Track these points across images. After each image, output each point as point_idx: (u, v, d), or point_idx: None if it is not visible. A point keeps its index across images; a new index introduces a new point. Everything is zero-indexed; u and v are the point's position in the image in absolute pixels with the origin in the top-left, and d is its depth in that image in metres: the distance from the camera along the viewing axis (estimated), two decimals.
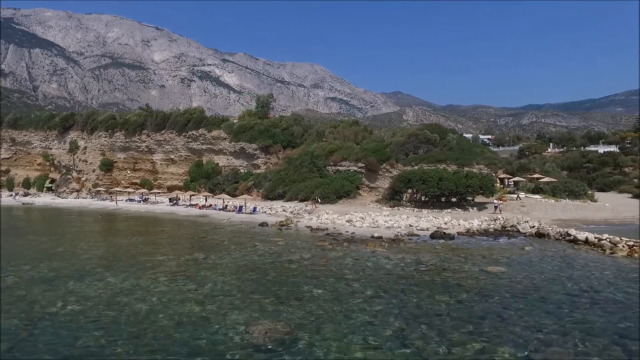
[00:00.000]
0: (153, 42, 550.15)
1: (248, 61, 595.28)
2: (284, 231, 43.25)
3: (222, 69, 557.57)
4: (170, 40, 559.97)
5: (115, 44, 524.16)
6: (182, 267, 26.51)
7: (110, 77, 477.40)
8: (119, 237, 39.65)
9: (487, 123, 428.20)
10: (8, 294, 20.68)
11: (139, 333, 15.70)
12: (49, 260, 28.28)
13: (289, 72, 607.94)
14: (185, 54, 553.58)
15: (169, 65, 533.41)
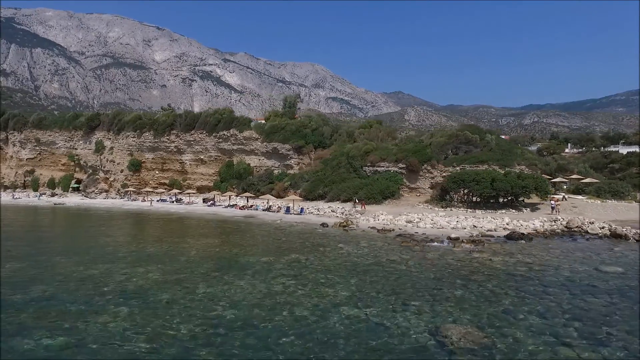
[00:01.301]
0: (154, 41, 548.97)
1: (249, 61, 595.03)
2: (350, 232, 43.37)
3: (223, 68, 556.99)
4: (171, 40, 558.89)
5: (116, 44, 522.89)
6: (292, 269, 26.64)
7: (112, 77, 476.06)
8: (196, 239, 39.62)
9: (488, 123, 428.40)
10: (153, 298, 20.76)
11: (326, 339, 15.81)
12: (154, 262, 28.33)
13: (289, 72, 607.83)
14: (187, 53, 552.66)
15: (170, 65, 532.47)
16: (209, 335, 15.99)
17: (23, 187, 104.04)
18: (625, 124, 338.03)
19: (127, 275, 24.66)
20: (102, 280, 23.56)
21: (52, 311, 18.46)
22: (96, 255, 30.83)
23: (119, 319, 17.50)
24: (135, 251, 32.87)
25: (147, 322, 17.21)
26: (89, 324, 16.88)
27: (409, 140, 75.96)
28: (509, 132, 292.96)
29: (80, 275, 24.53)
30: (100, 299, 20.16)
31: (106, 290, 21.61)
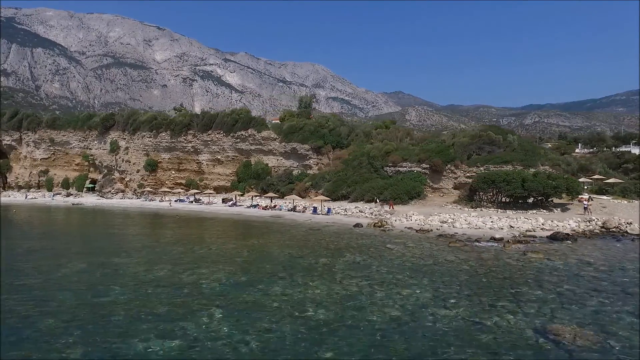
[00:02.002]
0: (154, 41, 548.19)
1: (249, 61, 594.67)
2: (388, 232, 43.50)
3: (223, 68, 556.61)
4: (171, 39, 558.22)
5: (116, 44, 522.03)
6: (355, 269, 26.79)
7: (112, 77, 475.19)
8: (239, 240, 39.71)
9: (489, 123, 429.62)
10: (236, 299, 20.85)
11: (435, 337, 15.95)
12: (213, 263, 28.43)
13: (290, 72, 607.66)
14: (187, 53, 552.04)
15: (170, 64, 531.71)
16: (317, 335, 16.07)
17: (37, 187, 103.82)
18: (627, 124, 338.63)
19: (195, 276, 24.70)
20: (175, 282, 23.58)
21: (144, 313, 18.49)
22: (150, 256, 30.89)
23: (219, 321, 17.58)
24: (186, 252, 32.89)
25: (248, 323, 17.29)
26: (192, 327, 16.92)
27: (430, 140, 75.99)
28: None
29: (149, 277, 24.55)
30: (187, 301, 20.21)
31: (187, 292, 21.66)
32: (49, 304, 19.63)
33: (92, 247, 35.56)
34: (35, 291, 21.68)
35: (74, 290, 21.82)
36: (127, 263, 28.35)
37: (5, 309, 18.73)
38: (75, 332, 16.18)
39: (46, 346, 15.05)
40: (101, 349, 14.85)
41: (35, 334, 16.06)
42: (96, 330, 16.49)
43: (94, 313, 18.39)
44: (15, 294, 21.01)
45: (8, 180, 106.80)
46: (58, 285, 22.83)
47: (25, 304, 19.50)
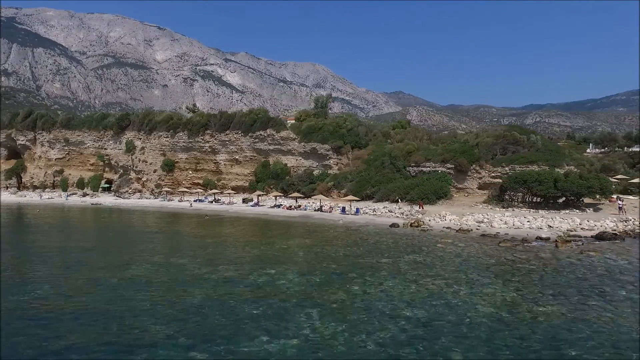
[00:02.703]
0: (155, 41, 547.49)
1: (250, 61, 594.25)
2: (428, 232, 43.58)
3: (224, 68, 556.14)
4: (172, 39, 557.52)
5: (117, 44, 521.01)
6: (421, 269, 26.90)
7: (113, 77, 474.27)
8: (283, 240, 39.62)
9: (490, 123, 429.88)
10: (321, 299, 20.89)
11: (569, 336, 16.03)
12: (273, 263, 28.55)
13: (290, 72, 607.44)
14: (188, 53, 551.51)
15: (171, 64, 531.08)
16: (429, 334, 16.13)
17: (52, 187, 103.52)
18: (628, 123, 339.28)
19: (267, 277, 24.78)
20: (249, 283, 23.64)
21: (241, 314, 18.53)
22: (207, 257, 30.89)
23: (320, 321, 17.62)
24: (239, 252, 32.94)
25: (350, 323, 17.34)
26: (298, 326, 16.97)
27: (453, 140, 76.08)
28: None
29: (220, 278, 24.57)
30: (273, 301, 20.26)
31: (269, 292, 21.70)
32: (139, 303, 19.63)
33: (142, 247, 35.52)
34: (119, 290, 21.70)
35: (153, 291, 21.84)
36: (187, 264, 28.34)
37: (103, 309, 18.77)
38: (181, 334, 16.23)
39: (169, 353, 15.05)
40: (222, 350, 14.87)
41: (152, 338, 16.08)
42: (202, 331, 16.52)
43: (189, 314, 18.40)
44: (100, 292, 21.05)
45: (23, 180, 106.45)
46: (135, 285, 22.84)
47: (116, 303, 19.52)
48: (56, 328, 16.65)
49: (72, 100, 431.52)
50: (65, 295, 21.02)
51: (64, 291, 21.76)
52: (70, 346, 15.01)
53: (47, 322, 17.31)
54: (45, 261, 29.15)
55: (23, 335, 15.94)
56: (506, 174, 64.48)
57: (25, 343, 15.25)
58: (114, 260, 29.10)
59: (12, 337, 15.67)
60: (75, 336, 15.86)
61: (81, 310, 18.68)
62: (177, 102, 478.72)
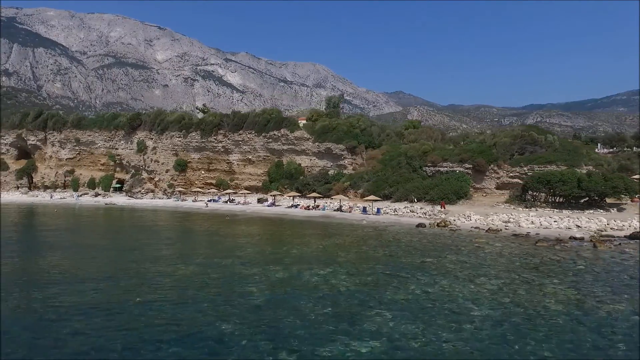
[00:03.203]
0: (156, 41, 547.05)
1: (250, 61, 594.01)
2: (457, 232, 43.59)
3: (225, 68, 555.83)
4: (172, 39, 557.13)
5: (118, 44, 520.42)
6: (467, 269, 26.90)
7: (114, 77, 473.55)
8: (316, 240, 39.65)
9: (491, 123, 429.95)
10: (386, 298, 20.88)
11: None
12: (320, 264, 28.56)
13: (291, 72, 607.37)
14: (188, 53, 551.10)
15: (172, 64, 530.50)
16: (511, 333, 16.12)
17: (63, 187, 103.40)
18: (629, 123, 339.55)
19: (319, 277, 24.72)
20: (303, 283, 23.53)
21: (313, 315, 18.49)
22: (249, 257, 30.81)
23: (396, 321, 17.60)
24: (278, 252, 32.89)
25: (426, 322, 17.32)
26: (376, 327, 16.95)
27: (470, 140, 76.18)
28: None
29: (274, 279, 24.47)
30: (338, 301, 20.25)
31: (328, 292, 21.70)
32: (206, 304, 19.60)
33: (179, 247, 35.51)
34: (179, 290, 21.65)
35: (212, 291, 21.78)
36: (234, 264, 28.25)
37: (168, 316, 18.75)
38: (258, 336, 16.13)
39: (251, 354, 15.03)
40: (307, 351, 14.81)
41: (227, 339, 16.06)
42: (278, 332, 16.46)
43: (259, 315, 18.33)
44: (162, 290, 21.03)
45: (34, 180, 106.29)
46: (192, 285, 22.80)
47: (183, 303, 19.50)
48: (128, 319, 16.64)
49: (73, 100, 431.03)
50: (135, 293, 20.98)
51: (129, 288, 21.72)
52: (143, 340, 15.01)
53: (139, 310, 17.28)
54: (105, 260, 29.14)
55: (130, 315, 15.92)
56: (525, 174, 64.66)
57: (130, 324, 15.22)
58: (160, 261, 29.03)
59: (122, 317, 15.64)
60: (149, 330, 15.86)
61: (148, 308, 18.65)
62: (177, 102, 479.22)
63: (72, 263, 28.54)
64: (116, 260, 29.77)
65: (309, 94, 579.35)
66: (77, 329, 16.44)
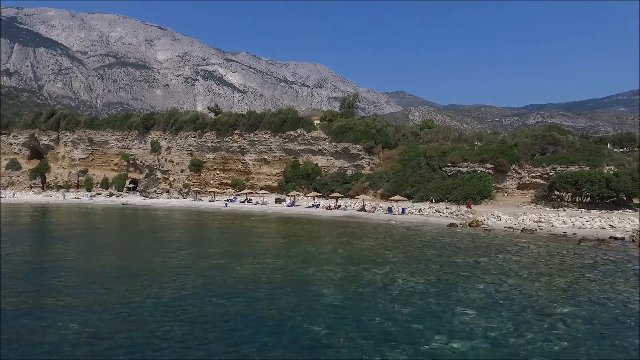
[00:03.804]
0: (156, 41, 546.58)
1: (251, 61, 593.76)
2: (492, 232, 43.65)
3: (225, 68, 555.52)
4: (173, 39, 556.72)
5: (118, 43, 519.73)
6: (523, 269, 26.88)
7: (115, 77, 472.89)
8: (354, 240, 39.67)
9: (492, 123, 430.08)
10: (457, 297, 20.95)
11: None
12: (385, 264, 28.57)
13: (291, 72, 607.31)
14: (189, 53, 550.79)
15: (172, 64, 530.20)
16: (612, 333, 16.19)
17: (76, 187, 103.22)
18: (630, 124, 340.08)
19: (381, 277, 24.79)
20: (369, 282, 23.69)
21: (399, 315, 18.54)
22: (300, 258, 30.74)
23: (484, 320, 17.67)
24: (324, 252, 32.92)
25: (515, 323, 17.39)
26: (463, 326, 17.02)
27: (490, 140, 76.30)
28: (513, 132, 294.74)
29: (335, 279, 24.50)
30: (421, 302, 20.31)
31: (400, 293, 21.77)
32: (280, 304, 19.63)
33: (222, 248, 35.46)
34: (247, 291, 21.68)
35: (282, 292, 21.77)
36: (287, 265, 28.21)
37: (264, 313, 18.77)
38: (355, 334, 16.21)
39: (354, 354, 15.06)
40: (411, 350, 14.85)
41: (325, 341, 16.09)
42: (375, 332, 16.50)
43: (341, 316, 18.33)
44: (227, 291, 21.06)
45: (47, 180, 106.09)
46: (256, 285, 22.81)
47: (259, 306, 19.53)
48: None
49: (74, 100, 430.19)
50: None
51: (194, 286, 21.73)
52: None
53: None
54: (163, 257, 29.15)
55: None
56: (547, 174, 64.88)
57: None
58: (214, 261, 29.04)
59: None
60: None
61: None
62: (178, 102, 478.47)
63: (162, 259, 28.82)
64: (182, 255, 29.76)
65: (310, 94, 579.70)
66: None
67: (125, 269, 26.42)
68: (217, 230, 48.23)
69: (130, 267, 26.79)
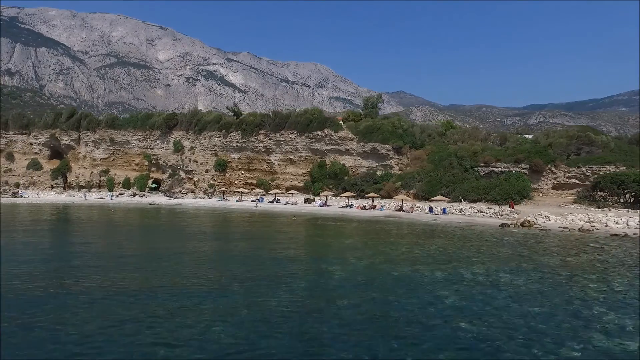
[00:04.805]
0: (157, 41, 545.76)
1: (252, 60, 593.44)
2: (549, 232, 43.69)
3: (226, 68, 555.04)
4: (174, 39, 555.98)
5: (119, 43, 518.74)
6: (630, 268, 26.92)
7: (116, 76, 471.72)
8: (418, 239, 39.73)
9: (493, 123, 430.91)
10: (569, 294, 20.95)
11: None
12: (479, 263, 28.54)
13: (292, 72, 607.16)
14: (190, 53, 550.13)
15: (173, 64, 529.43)
16: None
17: (98, 187, 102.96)
18: (632, 124, 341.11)
19: (486, 277, 24.72)
20: (471, 281, 23.66)
21: (530, 315, 18.56)
22: (377, 258, 30.59)
23: (615, 318, 17.67)
24: (404, 252, 32.85)
25: None
26: (603, 325, 17.03)
27: (523, 140, 76.52)
28: (514, 132, 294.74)
29: (436, 277, 24.50)
30: (541, 299, 20.31)
31: (517, 290, 21.76)
32: (407, 305, 19.63)
33: (288, 247, 35.43)
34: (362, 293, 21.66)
35: (397, 295, 21.79)
36: (374, 265, 28.12)
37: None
38: (497, 333, 16.20)
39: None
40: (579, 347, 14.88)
41: None
42: (523, 332, 16.49)
43: (468, 316, 18.35)
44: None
45: (68, 180, 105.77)
46: (365, 286, 22.78)
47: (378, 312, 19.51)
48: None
49: (75, 100, 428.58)
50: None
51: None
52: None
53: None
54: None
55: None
56: (583, 174, 65.06)
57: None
58: (303, 262, 29.02)
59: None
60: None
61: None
62: (180, 101, 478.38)
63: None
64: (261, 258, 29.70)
65: (311, 93, 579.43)
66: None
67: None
68: (290, 230, 47.70)
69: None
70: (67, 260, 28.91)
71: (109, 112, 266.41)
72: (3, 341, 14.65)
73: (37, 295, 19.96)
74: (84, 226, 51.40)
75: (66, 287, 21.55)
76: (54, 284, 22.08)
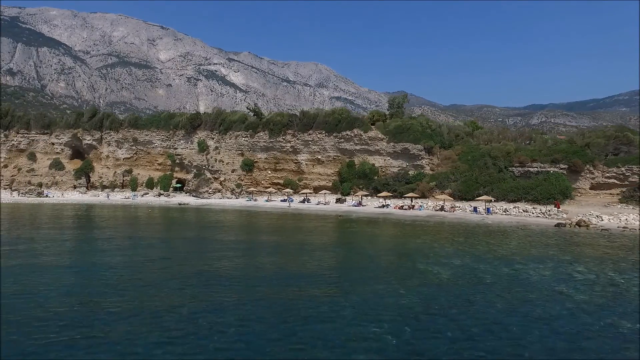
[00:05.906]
0: (158, 41, 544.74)
1: (253, 60, 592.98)
2: (610, 232, 43.72)
3: (227, 68, 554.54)
4: (175, 39, 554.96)
5: (121, 43, 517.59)
6: None
7: (117, 76, 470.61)
8: (481, 239, 39.66)
9: (495, 123, 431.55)
10: None
11: None
12: (556, 261, 28.48)
13: (293, 72, 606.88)
14: (191, 53, 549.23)
15: (175, 64, 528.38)
16: None
17: (122, 187, 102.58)
18: (633, 123, 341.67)
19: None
20: (595, 281, 23.63)
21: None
22: (468, 257, 30.59)
23: None
24: (491, 250, 32.80)
25: None
26: None
27: (560, 140, 76.60)
28: (516, 132, 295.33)
29: (560, 278, 24.52)
30: None
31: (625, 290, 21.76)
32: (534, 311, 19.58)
33: (371, 249, 35.35)
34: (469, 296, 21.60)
35: (528, 297, 21.75)
36: (467, 264, 28.09)
37: None
38: None
39: None
40: None
41: None
42: None
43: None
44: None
45: (91, 179, 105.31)
46: (488, 286, 22.76)
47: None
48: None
49: (76, 99, 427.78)
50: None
51: None
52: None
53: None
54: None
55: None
56: (622, 174, 65.15)
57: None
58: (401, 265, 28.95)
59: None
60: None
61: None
62: (181, 101, 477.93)
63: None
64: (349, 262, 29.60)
65: (312, 93, 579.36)
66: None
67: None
68: (339, 232, 47.55)
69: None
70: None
71: (111, 111, 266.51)
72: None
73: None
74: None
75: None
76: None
